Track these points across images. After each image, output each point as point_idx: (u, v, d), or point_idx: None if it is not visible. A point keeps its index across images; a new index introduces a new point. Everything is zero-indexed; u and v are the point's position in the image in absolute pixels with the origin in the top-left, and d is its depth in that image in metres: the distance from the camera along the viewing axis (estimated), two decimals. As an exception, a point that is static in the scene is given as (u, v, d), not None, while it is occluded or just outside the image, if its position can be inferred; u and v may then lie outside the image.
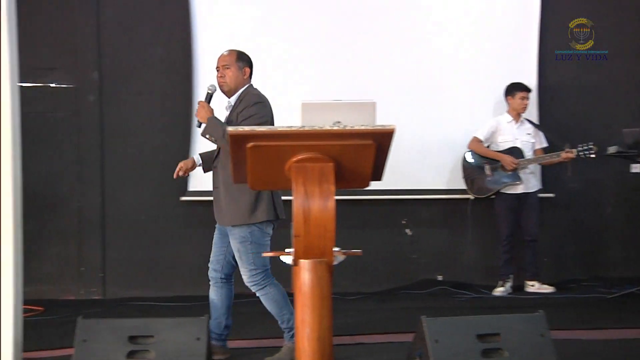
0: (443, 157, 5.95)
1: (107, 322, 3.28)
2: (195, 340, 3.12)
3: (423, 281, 6.01)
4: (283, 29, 5.87)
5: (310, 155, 2.81)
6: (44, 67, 5.83)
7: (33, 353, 3.90)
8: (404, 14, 5.99)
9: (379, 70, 5.90)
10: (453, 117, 5.97)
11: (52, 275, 5.85)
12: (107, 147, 5.93)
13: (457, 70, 5.98)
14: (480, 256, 6.07)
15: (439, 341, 3.04)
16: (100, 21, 5.89)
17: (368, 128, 2.80)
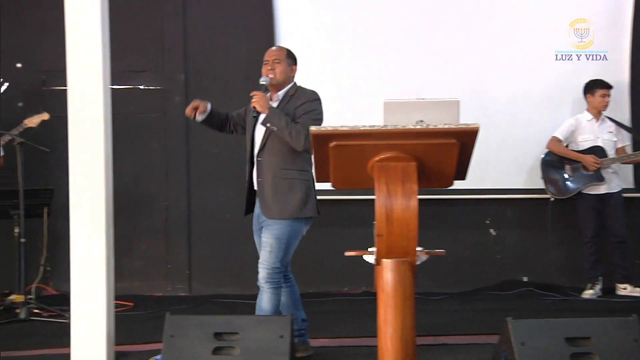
0: (527, 156, 5.81)
1: (193, 318, 3.35)
2: (279, 338, 3.15)
3: (508, 282, 5.89)
4: (364, 28, 5.86)
5: (393, 154, 2.80)
6: (133, 70, 6.02)
7: (124, 346, 4.02)
8: (487, 11, 5.87)
9: (462, 68, 5.81)
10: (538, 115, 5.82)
11: (141, 272, 6.03)
12: (193, 146, 6.07)
13: (541, 67, 5.83)
14: (566, 257, 5.90)
15: (525, 344, 2.96)
16: (187, 25, 6.04)
17: (452, 127, 2.77)
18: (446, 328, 4.53)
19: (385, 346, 2.77)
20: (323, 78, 5.87)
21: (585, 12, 5.81)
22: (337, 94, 5.83)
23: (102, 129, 3.62)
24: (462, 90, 5.48)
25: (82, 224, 3.58)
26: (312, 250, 5.95)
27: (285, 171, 3.69)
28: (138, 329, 4.59)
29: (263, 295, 3.73)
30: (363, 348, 4.00)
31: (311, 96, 3.79)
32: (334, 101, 5.81)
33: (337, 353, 4.02)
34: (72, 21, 3.61)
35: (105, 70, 3.66)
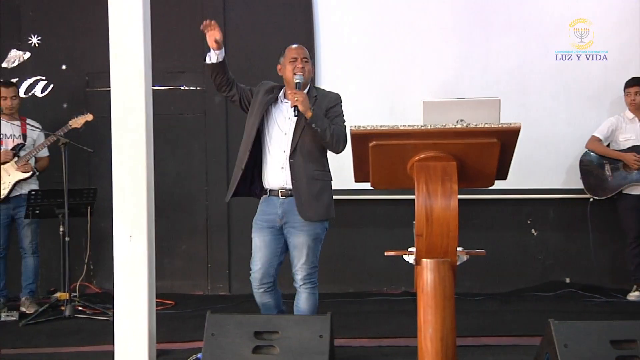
0: (569, 155, 5.72)
1: (234, 317, 3.38)
2: (318, 338, 3.16)
3: (550, 283, 5.80)
4: (404, 28, 5.83)
5: (433, 154, 2.79)
6: (174, 70, 6.09)
7: (165, 344, 4.07)
8: (527, 9, 5.80)
9: (502, 67, 5.75)
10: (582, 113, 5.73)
11: (182, 271, 6.10)
12: (233, 146, 6.10)
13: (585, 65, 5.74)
14: (609, 258, 5.79)
15: (568, 346, 2.92)
16: (227, 25, 6.08)
17: (492, 126, 2.74)
18: (487, 329, 4.48)
19: (425, 347, 2.76)
20: (362, 77, 5.88)
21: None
22: (375, 93, 5.83)
23: (144, 130, 3.66)
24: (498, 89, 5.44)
25: (124, 224, 3.63)
26: (352, 250, 5.97)
27: (317, 172, 3.70)
28: (179, 327, 4.64)
29: (301, 295, 3.74)
30: (402, 348, 3.99)
31: (338, 98, 3.80)
32: (372, 101, 5.84)
33: (376, 353, 4.01)
34: (115, 24, 3.66)
35: (147, 72, 3.71)
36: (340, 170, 4.29)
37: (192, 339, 4.16)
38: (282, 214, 3.68)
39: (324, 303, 5.32)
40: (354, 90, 5.84)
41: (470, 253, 3.32)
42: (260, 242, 3.72)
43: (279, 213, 3.69)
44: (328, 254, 5.98)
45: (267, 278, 3.71)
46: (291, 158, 3.67)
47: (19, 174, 5.16)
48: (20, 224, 5.20)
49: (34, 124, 5.34)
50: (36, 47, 6.08)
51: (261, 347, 3.20)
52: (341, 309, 5.09)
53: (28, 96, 5.95)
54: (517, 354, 3.89)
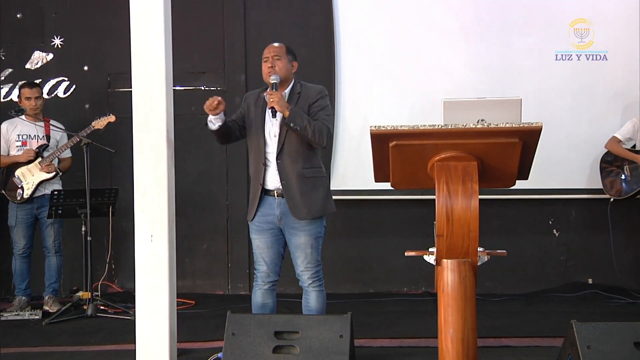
0: (590, 155, 5.67)
1: (254, 317, 3.39)
2: (339, 338, 3.16)
3: (572, 284, 5.75)
4: (424, 29, 5.80)
5: (454, 153, 2.77)
6: (195, 71, 6.12)
7: (186, 344, 4.10)
8: (547, 6, 5.76)
9: (524, 66, 5.71)
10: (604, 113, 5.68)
11: (202, 271, 6.12)
12: (253, 147, 6.13)
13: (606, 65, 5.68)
14: (633, 259, 5.72)
15: (591, 347, 2.89)
16: (247, 25, 6.10)
17: (514, 126, 2.73)
18: (508, 330, 4.45)
19: (445, 347, 2.75)
20: (382, 77, 5.86)
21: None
22: (396, 93, 5.81)
23: (164, 130, 3.69)
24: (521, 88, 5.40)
25: (145, 224, 3.65)
26: (372, 251, 5.96)
27: (307, 170, 3.66)
28: (200, 326, 4.66)
29: (311, 295, 3.72)
30: (423, 349, 3.98)
31: (322, 91, 3.76)
32: (392, 100, 5.82)
33: (397, 353, 4.01)
34: (136, 25, 3.69)
35: (168, 72, 3.73)
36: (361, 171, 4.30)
37: (213, 338, 4.18)
38: (279, 215, 3.67)
39: (344, 303, 5.35)
40: (375, 90, 5.84)
41: (491, 253, 3.30)
42: (262, 244, 3.73)
43: (277, 214, 3.67)
44: (348, 254, 6.02)
45: (273, 276, 3.77)
46: (278, 159, 3.64)
47: (42, 175, 5.22)
48: (43, 223, 5.25)
49: (57, 124, 5.39)
50: (59, 48, 6.13)
51: (281, 347, 3.20)
52: (361, 309, 5.09)
53: (51, 97, 6.01)
54: (539, 355, 3.86)
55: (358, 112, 5.82)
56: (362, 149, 5.25)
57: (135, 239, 3.68)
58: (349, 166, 5.83)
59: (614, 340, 2.91)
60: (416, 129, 2.77)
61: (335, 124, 5.90)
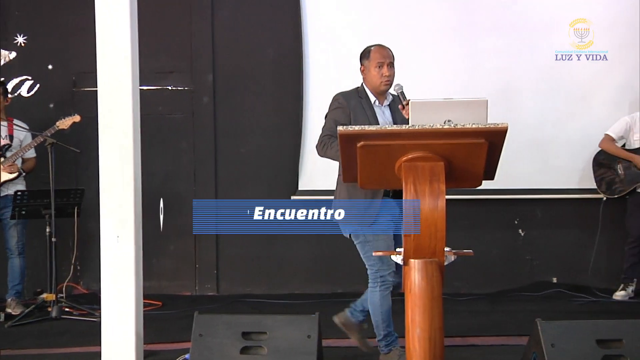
0: (557, 155, 5.75)
1: (222, 317, 3.38)
2: (306, 338, 3.16)
3: (537, 283, 5.83)
4: (393, 29, 5.82)
5: (421, 154, 2.79)
6: (162, 70, 6.07)
7: (153, 345, 4.07)
8: (514, 9, 5.82)
9: (491, 67, 5.77)
10: (569, 115, 5.76)
11: (170, 271, 6.07)
12: (221, 147, 6.10)
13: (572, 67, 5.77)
14: (602, 258, 5.81)
15: (555, 345, 2.93)
16: (215, 25, 6.07)
17: (480, 126, 2.75)
18: (475, 329, 4.50)
19: (413, 346, 2.76)
20: (351, 77, 5.86)
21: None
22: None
23: (131, 130, 3.65)
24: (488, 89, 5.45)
25: (111, 224, 3.62)
26: (340, 250, 5.95)
27: None
28: (167, 328, 4.63)
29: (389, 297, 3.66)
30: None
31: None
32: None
33: (365, 353, 4.01)
34: (102, 23, 3.65)
35: (135, 72, 3.70)
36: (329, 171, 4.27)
37: (180, 339, 4.15)
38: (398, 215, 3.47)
39: (312, 303, 5.35)
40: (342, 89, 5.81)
41: (458, 253, 3.32)
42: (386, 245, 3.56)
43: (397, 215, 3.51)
44: (317, 254, 6.03)
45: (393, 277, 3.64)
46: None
47: (5, 175, 5.13)
48: (6, 224, 5.17)
49: (21, 124, 5.30)
50: (22, 46, 6.03)
51: (249, 347, 3.20)
52: (330, 309, 5.05)
53: (14, 96, 5.92)
54: (505, 353, 3.91)
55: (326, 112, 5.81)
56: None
57: (100, 240, 3.64)
58: (317, 166, 5.82)
59: (577, 338, 2.96)
60: (384, 130, 2.79)
61: (303, 124, 5.91)
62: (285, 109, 6.06)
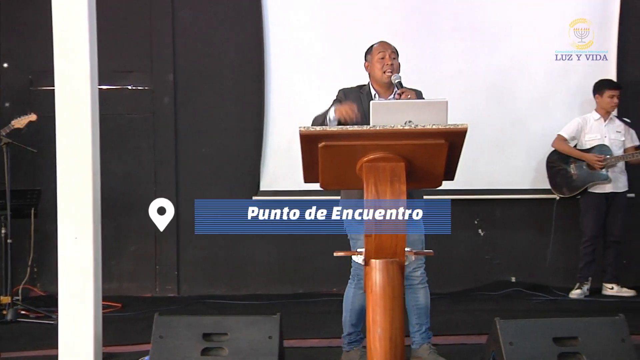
0: (521, 156, 5.83)
1: (182, 319, 3.34)
2: (268, 339, 3.15)
3: (497, 282, 5.91)
4: (356, 29, 5.84)
5: (382, 154, 2.80)
6: (122, 70, 6.00)
7: (112, 347, 4.01)
8: (475, 11, 5.89)
9: (450, 67, 5.83)
10: (529, 115, 5.85)
11: (129, 273, 6.01)
12: (182, 147, 6.06)
13: (530, 68, 5.86)
14: (558, 257, 5.90)
15: (513, 344, 2.97)
16: (175, 24, 6.02)
17: (440, 127, 2.77)
18: (435, 328, 4.50)
19: (374, 346, 2.77)
20: (313, 79, 5.88)
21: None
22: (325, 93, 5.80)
23: (89, 130, 3.60)
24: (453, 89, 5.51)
25: (69, 225, 3.56)
26: (302, 251, 5.97)
27: None
28: (126, 329, 4.58)
29: (420, 292, 3.80)
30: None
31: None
32: (322, 101, 5.81)
33: (327, 353, 4.03)
34: (59, 21, 3.58)
35: (93, 71, 3.64)
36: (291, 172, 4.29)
37: (140, 341, 4.10)
38: None
39: (274, 304, 5.34)
40: (305, 91, 5.85)
41: (418, 253, 3.35)
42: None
43: None
44: (278, 255, 6.02)
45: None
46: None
47: (-41, 175, 5.02)
48: (-40, 226, 5.06)
49: (-25, 123, 5.20)
50: (-23, 44, 5.92)
51: (210, 348, 3.17)
52: (291, 309, 5.09)
53: (-32, 95, 5.81)
54: (465, 352, 3.94)
55: (288, 113, 5.82)
56: (292, 149, 5.25)
57: (58, 241, 3.58)
58: (279, 167, 5.83)
59: (534, 337, 3.00)
60: (345, 130, 2.79)
61: (265, 124, 5.89)
62: (247, 109, 6.04)
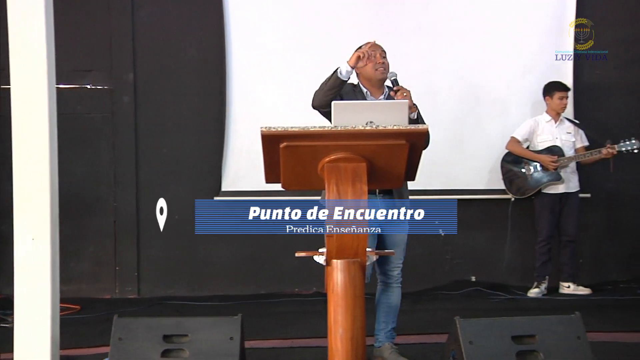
0: (478, 157, 5.90)
1: (142, 320, 3.30)
2: (229, 340, 3.13)
3: (457, 282, 5.96)
4: (316, 29, 5.86)
5: (343, 155, 2.81)
6: (81, 69, 5.91)
7: (70, 350, 3.95)
8: (434, 11, 5.94)
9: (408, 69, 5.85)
10: (487, 116, 5.92)
11: (89, 274, 5.92)
12: (142, 147, 5.99)
13: (489, 69, 5.93)
14: (517, 257, 6.00)
15: (473, 342, 3.00)
16: (135, 23, 5.96)
17: (401, 128, 2.80)
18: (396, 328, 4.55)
19: (335, 346, 2.78)
20: (274, 78, 5.87)
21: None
22: (287, 94, 5.83)
23: (46, 129, 3.54)
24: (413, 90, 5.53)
25: (26, 226, 3.51)
26: (263, 252, 5.95)
27: None
28: (85, 332, 4.51)
29: (394, 291, 3.73)
30: (314, 349, 4.00)
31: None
32: (284, 101, 5.83)
33: (288, 353, 4.02)
34: (15, 18, 3.52)
35: (50, 69, 3.59)
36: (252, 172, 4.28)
37: (99, 344, 4.05)
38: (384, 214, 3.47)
39: (235, 305, 5.31)
40: (266, 91, 5.84)
41: (379, 253, 3.37)
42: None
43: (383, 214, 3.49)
44: (240, 255, 5.99)
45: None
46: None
47: None
48: None
49: None
50: None
51: (170, 350, 3.14)
52: (253, 310, 5.07)
53: None
54: (426, 351, 3.97)
55: (249, 113, 5.80)
56: (254, 149, 5.24)
57: (14, 243, 3.52)
58: (240, 167, 5.80)
59: (493, 335, 3.04)
60: (306, 131, 2.79)
61: (227, 124, 5.87)
62: (208, 109, 6.00)
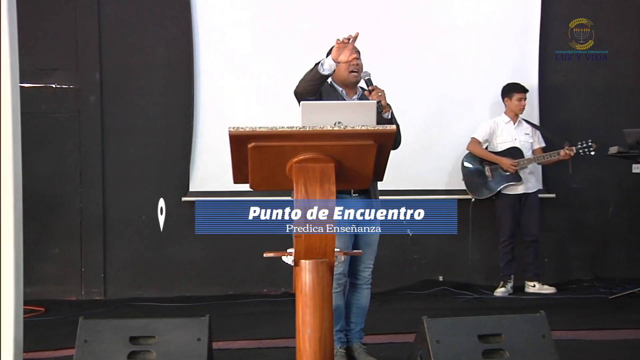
0: (445, 157, 5.94)
1: (108, 322, 3.27)
2: (196, 341, 3.11)
3: (424, 282, 6.01)
4: (284, 29, 5.86)
5: (312, 155, 2.81)
6: (46, 67, 5.83)
7: (34, 353, 3.90)
8: (402, 13, 5.97)
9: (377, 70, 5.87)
10: (454, 117, 5.97)
11: (53, 276, 5.84)
12: (108, 147, 5.93)
13: (457, 71, 5.98)
14: (481, 257, 6.06)
15: (440, 342, 3.03)
16: (102, 22, 5.90)
17: (369, 128, 2.81)
18: (364, 328, 4.57)
19: (303, 347, 2.77)
20: (242, 78, 5.85)
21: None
22: (255, 93, 5.82)
23: (10, 129, 3.48)
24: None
25: (-11, 226, 3.44)
26: (232, 252, 5.93)
27: None
28: (49, 334, 4.45)
29: (364, 292, 3.75)
30: (282, 349, 4.01)
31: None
32: (252, 101, 5.82)
33: (256, 354, 4.02)
34: (-22, 15, 3.46)
35: (14, 68, 3.52)
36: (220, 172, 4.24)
37: (63, 346, 4.00)
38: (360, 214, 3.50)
39: (203, 306, 5.29)
40: (234, 90, 5.83)
41: (347, 253, 3.38)
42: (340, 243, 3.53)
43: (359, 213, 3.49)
44: (208, 256, 5.96)
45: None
46: None
47: None
48: None
49: None
50: None
51: (137, 352, 3.11)
52: (221, 311, 5.05)
53: None
54: (393, 351, 3.99)
55: (217, 113, 5.78)
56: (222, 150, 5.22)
57: (-23, 244, 3.45)
58: (208, 167, 5.78)
59: (460, 334, 3.07)
60: (275, 131, 2.78)
61: (194, 124, 5.84)
62: (175, 109, 5.97)
